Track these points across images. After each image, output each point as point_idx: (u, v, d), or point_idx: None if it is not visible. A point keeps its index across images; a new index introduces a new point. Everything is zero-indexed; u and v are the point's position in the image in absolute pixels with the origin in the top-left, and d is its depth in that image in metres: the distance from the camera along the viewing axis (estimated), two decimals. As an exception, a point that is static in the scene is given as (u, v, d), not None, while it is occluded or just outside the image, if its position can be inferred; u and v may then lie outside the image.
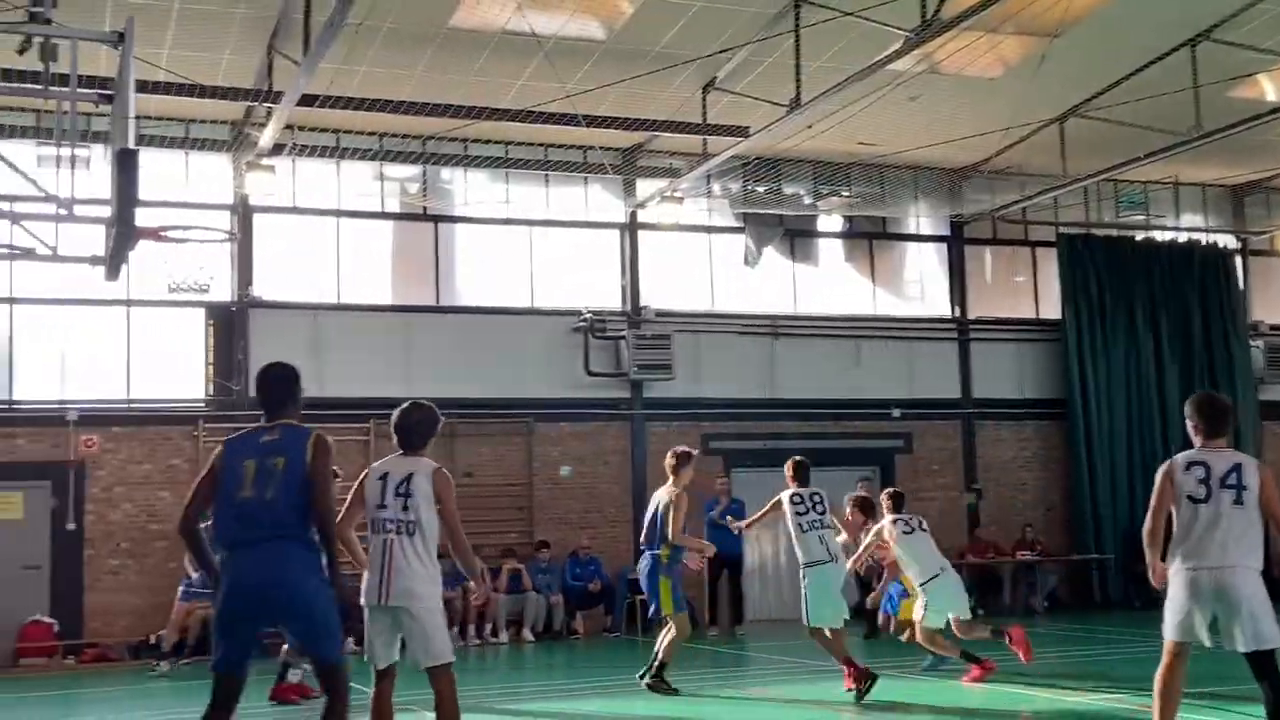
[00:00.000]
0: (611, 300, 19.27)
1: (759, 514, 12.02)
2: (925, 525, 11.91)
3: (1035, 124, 17.77)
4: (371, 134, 17.44)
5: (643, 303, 19.27)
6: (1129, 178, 20.53)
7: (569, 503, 18.45)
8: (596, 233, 19.41)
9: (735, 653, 15.67)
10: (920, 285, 21.42)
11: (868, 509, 13.11)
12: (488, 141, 18.06)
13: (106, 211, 7.48)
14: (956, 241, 21.26)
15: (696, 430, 19.07)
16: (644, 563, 11.39)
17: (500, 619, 17.18)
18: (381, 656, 6.94)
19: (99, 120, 12.91)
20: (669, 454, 11.71)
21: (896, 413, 20.25)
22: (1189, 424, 6.86)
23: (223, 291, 17.18)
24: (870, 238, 20.93)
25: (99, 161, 13.28)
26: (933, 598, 11.47)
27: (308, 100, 13.96)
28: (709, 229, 19.83)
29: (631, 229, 19.41)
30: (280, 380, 6.47)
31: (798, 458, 11.54)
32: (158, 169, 16.62)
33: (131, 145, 6.99)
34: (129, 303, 16.68)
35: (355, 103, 14.65)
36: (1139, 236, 21.79)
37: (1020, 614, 19.36)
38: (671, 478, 11.43)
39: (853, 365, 20.10)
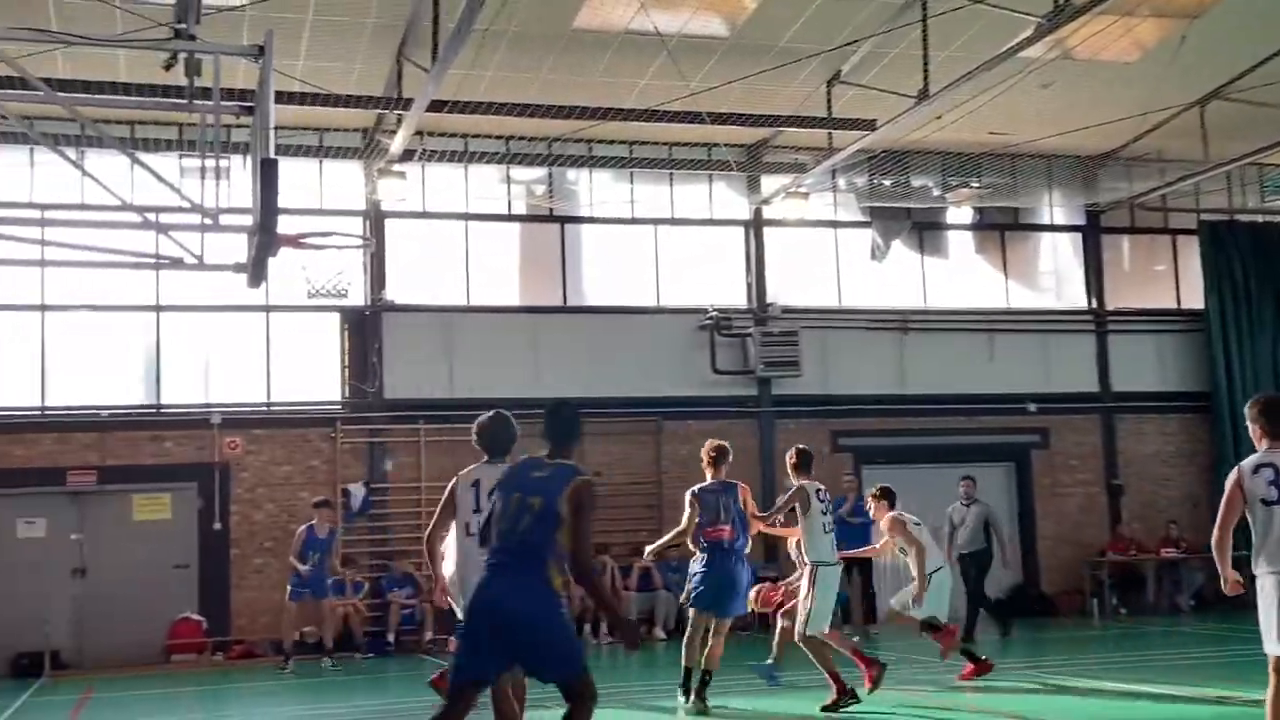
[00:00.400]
0: (737, 298, 19.22)
1: (779, 507, 11.10)
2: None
3: (1174, 108, 17.23)
4: (498, 137, 17.65)
5: (769, 299, 19.19)
6: (1275, 161, 19.76)
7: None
8: (721, 230, 19.38)
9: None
10: (1055, 276, 20.95)
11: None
12: (612, 142, 18.14)
13: (248, 220, 7.68)
14: (1093, 231, 20.73)
15: (825, 427, 18.93)
16: None
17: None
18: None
19: (238, 131, 13.29)
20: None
21: (1032, 407, 19.83)
22: (1253, 428, 6.71)
23: (356, 296, 17.56)
24: (1002, 229, 20.53)
25: (239, 171, 13.65)
26: (934, 590, 11.22)
27: (436, 106, 14.18)
28: (835, 224, 19.66)
29: (756, 226, 19.33)
30: (570, 420, 6.62)
31: (801, 446, 10.96)
32: (293, 177, 17.10)
33: (272, 155, 7.17)
34: (268, 308, 17.16)
35: (482, 107, 14.87)
36: (1286, 221, 21.01)
37: (1165, 612, 18.85)
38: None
39: (985, 359, 19.74)
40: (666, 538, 11.19)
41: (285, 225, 7.68)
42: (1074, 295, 20.78)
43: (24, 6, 12.63)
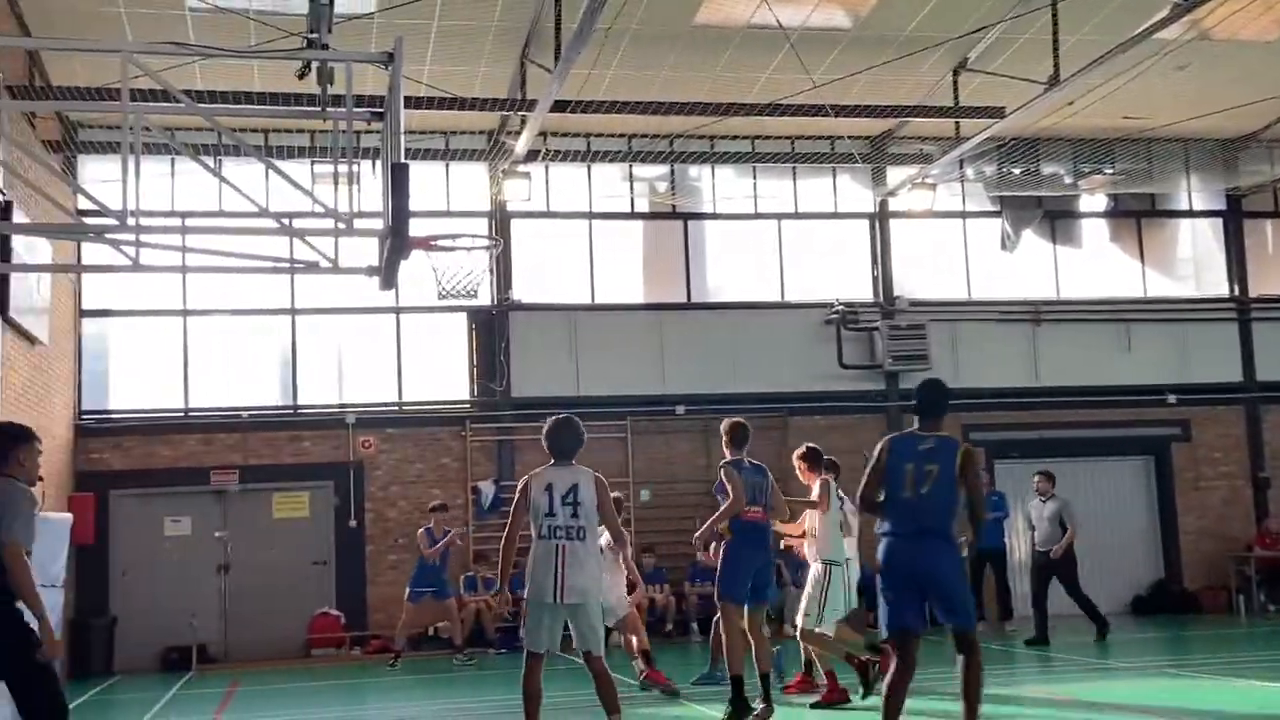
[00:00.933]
0: (863, 291, 19.03)
1: (812, 498, 10.55)
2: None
3: (1318, 87, 16.57)
4: (620, 136, 17.74)
5: (896, 292, 18.96)
6: None
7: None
8: (846, 223, 19.21)
9: (1004, 649, 15.23)
10: (1194, 263, 20.31)
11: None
12: (734, 137, 18.10)
13: (380, 224, 7.83)
14: (1234, 215, 20.06)
15: (956, 421, 18.52)
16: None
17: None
18: (548, 643, 7.79)
19: (368, 137, 13.58)
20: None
21: (1172, 399, 19.26)
22: None
23: (483, 296, 17.79)
24: (1138, 216, 19.98)
25: (369, 176, 13.95)
26: (831, 590, 10.34)
27: (559, 106, 14.30)
28: (963, 214, 19.35)
29: (882, 218, 19.11)
30: (940, 391, 7.77)
31: (811, 444, 10.83)
32: (421, 180, 17.38)
33: (402, 160, 7.31)
34: (398, 310, 17.52)
35: (605, 106, 14.94)
36: None
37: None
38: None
39: (1122, 350, 19.23)
40: (715, 518, 9.60)
41: (414, 228, 7.82)
42: (1215, 282, 20.13)
43: (163, 22, 13.09)
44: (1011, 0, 14.03)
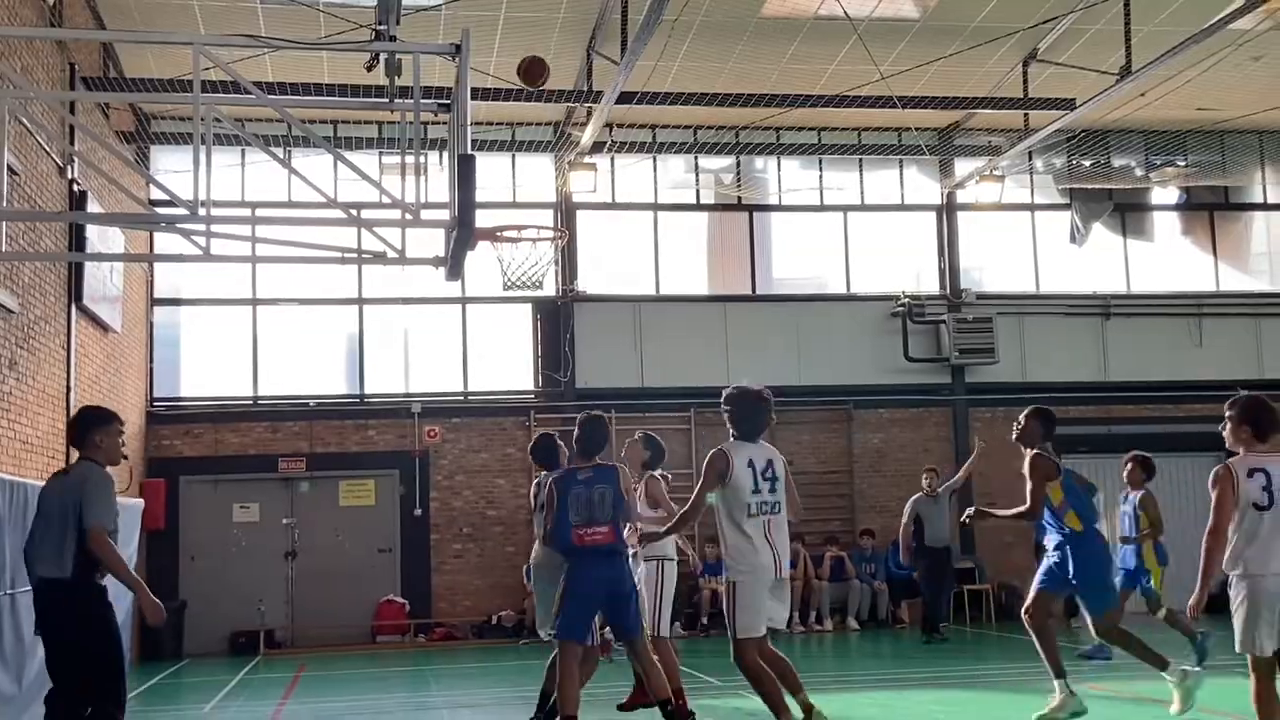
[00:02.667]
0: (930, 284, 18.88)
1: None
2: None
3: (1400, 76, 16.19)
4: (686, 127, 17.72)
5: (962, 285, 18.79)
6: None
7: (890, 490, 18.14)
8: (913, 215, 19.06)
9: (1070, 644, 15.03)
10: (1269, 258, 19.93)
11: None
12: (800, 128, 18.02)
13: (446, 215, 7.88)
14: (1309, 208, 19.66)
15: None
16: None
17: (825, 606, 17.15)
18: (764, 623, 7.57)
19: (435, 129, 13.68)
20: None
21: (1244, 394, 18.85)
22: (1237, 430, 6.69)
23: (548, 287, 17.87)
24: (1211, 209, 19.64)
25: (435, 167, 14.04)
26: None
27: (625, 98, 14.31)
28: (1031, 207, 19.13)
29: (949, 210, 18.94)
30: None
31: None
32: (487, 171, 17.45)
33: (468, 151, 7.35)
34: (464, 300, 17.64)
35: (670, 98, 14.93)
36: None
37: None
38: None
39: (1193, 345, 18.94)
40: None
41: (481, 219, 7.87)
42: (1289, 277, 19.75)
43: (234, 15, 13.27)
44: (1083, -11, 13.84)
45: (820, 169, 18.77)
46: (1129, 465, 12.95)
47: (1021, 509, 8.89)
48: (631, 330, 18.01)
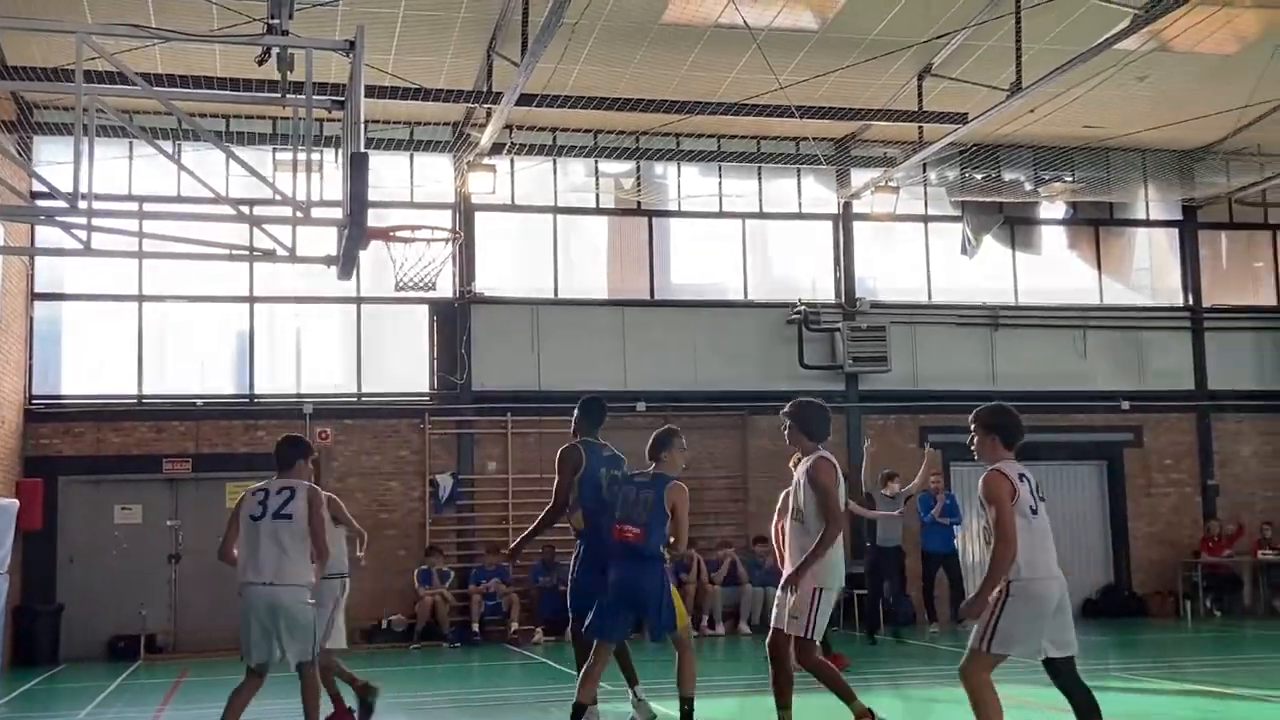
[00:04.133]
0: (826, 292, 19.09)
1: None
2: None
3: (1275, 101, 16.75)
4: (587, 131, 17.72)
5: (857, 294, 19.04)
6: (1381, 155, 19.19)
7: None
8: (810, 224, 19.26)
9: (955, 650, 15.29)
10: (1150, 273, 20.52)
11: None
12: (701, 135, 18.11)
13: (340, 213, 7.78)
14: (1189, 226, 20.27)
15: (914, 423, 18.76)
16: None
17: (718, 611, 17.24)
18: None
19: (330, 126, 13.48)
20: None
21: (1125, 405, 19.45)
22: (986, 438, 6.78)
23: (445, 288, 17.73)
24: (1096, 224, 20.16)
25: (330, 166, 13.84)
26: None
27: (525, 99, 14.26)
28: (925, 218, 19.45)
29: (845, 219, 19.18)
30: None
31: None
32: (384, 171, 17.33)
33: (362, 149, 7.26)
34: (359, 300, 17.41)
35: (571, 100, 14.91)
36: (1394, 217, 20.36)
37: (1261, 615, 18.42)
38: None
39: (1078, 356, 19.41)
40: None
41: (375, 218, 7.78)
42: (1169, 292, 20.34)
43: (123, 5, 12.91)
44: (977, 7, 14.11)
45: (720, 176, 18.89)
46: None
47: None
48: (529, 333, 17.94)
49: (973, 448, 6.81)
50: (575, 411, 8.97)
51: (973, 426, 6.82)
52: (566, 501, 8.59)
